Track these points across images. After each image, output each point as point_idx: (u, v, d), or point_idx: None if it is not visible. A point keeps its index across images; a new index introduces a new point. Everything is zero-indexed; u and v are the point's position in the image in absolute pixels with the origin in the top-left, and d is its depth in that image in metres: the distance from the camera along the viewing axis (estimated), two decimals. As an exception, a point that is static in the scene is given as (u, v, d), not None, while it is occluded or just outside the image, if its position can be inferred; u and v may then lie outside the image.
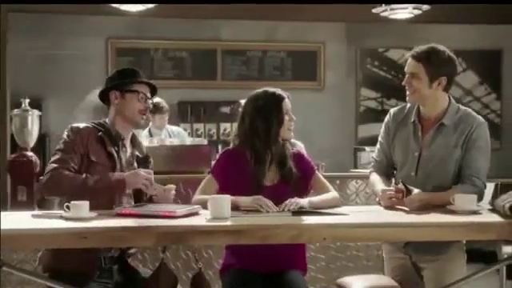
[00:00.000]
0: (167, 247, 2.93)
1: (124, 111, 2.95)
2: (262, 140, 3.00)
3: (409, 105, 3.16)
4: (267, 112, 3.01)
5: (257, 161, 3.00)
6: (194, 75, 7.74)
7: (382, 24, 7.65)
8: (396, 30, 7.72)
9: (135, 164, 3.03)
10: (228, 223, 2.45)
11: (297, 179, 3.02)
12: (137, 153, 3.07)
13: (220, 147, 7.04)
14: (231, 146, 3.16)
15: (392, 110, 3.20)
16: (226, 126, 7.70)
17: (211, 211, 2.54)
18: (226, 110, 7.71)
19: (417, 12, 4.71)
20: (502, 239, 2.78)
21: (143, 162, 3.07)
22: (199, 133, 7.64)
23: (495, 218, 2.61)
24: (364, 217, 2.71)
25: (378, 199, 3.05)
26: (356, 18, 7.61)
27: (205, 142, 5.12)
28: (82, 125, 2.93)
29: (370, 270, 4.89)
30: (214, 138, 7.60)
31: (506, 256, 2.82)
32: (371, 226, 2.49)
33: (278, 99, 3.06)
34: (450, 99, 3.05)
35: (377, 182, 3.09)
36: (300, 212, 2.71)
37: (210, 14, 7.50)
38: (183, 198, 4.22)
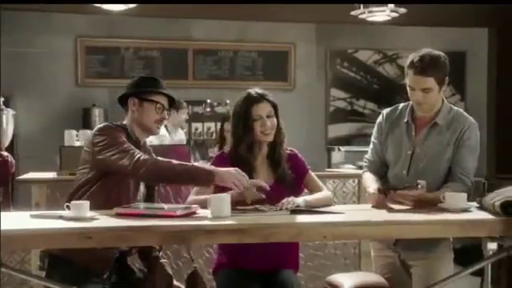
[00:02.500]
0: (163, 246, 2.93)
1: (140, 119, 2.96)
2: (234, 143, 3.02)
3: (401, 105, 3.22)
4: (237, 116, 3.02)
5: (235, 163, 2.95)
6: (165, 75, 7.68)
7: (351, 25, 7.76)
8: (365, 31, 7.84)
9: None
10: (231, 222, 2.46)
11: (292, 179, 3.05)
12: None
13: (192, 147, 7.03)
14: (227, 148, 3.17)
15: (384, 111, 3.26)
16: (197, 126, 7.69)
17: (212, 210, 2.55)
18: (197, 109, 7.70)
19: (394, 15, 4.80)
20: (488, 236, 2.83)
21: None
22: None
23: (486, 215, 2.69)
24: (360, 215, 2.76)
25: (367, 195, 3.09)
26: (326, 20, 7.69)
27: (183, 141, 5.12)
28: (115, 124, 2.93)
29: (347, 267, 4.98)
30: (186, 137, 7.57)
31: (491, 253, 2.88)
32: (370, 224, 2.53)
33: (248, 103, 3.01)
34: (443, 99, 3.13)
35: (369, 180, 3.14)
36: (297, 211, 2.74)
37: (182, 14, 7.48)
38: (163, 197, 4.22)
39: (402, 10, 4.70)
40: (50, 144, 7.01)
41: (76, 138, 4.82)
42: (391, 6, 4.62)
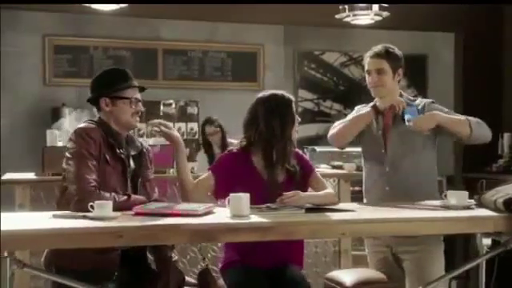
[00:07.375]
0: (175, 245, 2.96)
1: (118, 117, 2.89)
2: (279, 140, 3.08)
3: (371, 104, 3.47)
4: (282, 113, 3.12)
5: (270, 160, 3.06)
6: (134, 74, 7.57)
7: (318, 28, 7.89)
8: (331, 34, 7.98)
9: (132, 164, 2.98)
10: (253, 221, 2.52)
11: (299, 177, 3.13)
12: (132, 152, 3.00)
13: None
14: (235, 147, 3.21)
15: (356, 107, 3.55)
16: (167, 126, 7.64)
17: (231, 209, 2.60)
18: (167, 109, 7.68)
19: (377, 18, 4.96)
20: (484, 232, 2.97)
21: (137, 158, 3.00)
22: (141, 133, 7.53)
23: (488, 212, 2.83)
24: (370, 213, 2.86)
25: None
26: (293, 21, 7.79)
27: (167, 141, 5.09)
28: (90, 127, 2.83)
29: (328, 265, 5.09)
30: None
31: (486, 249, 3.02)
32: (387, 221, 2.64)
33: (289, 101, 3.19)
34: (401, 93, 3.45)
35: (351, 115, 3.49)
36: (311, 209, 2.81)
37: (151, 14, 7.43)
38: (171, 197, 4.25)
39: (386, 14, 4.85)
40: (20, 144, 6.89)
41: (59, 139, 4.76)
42: (375, 9, 4.76)
